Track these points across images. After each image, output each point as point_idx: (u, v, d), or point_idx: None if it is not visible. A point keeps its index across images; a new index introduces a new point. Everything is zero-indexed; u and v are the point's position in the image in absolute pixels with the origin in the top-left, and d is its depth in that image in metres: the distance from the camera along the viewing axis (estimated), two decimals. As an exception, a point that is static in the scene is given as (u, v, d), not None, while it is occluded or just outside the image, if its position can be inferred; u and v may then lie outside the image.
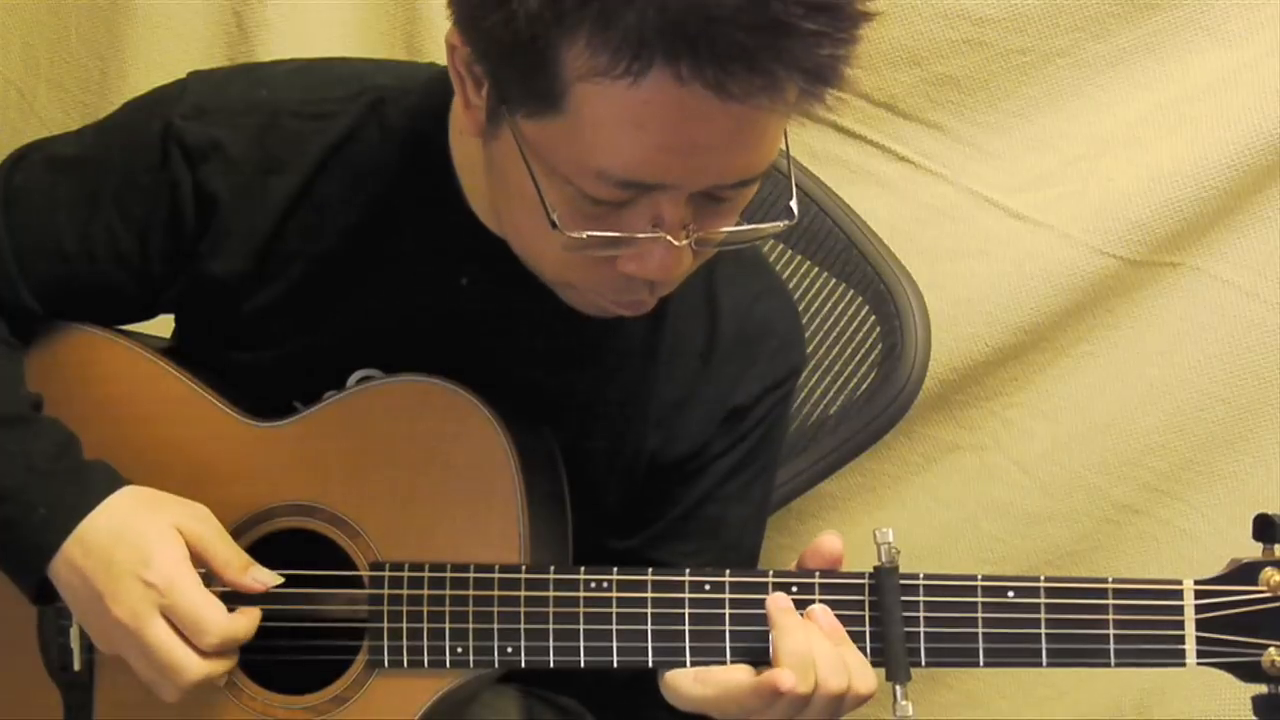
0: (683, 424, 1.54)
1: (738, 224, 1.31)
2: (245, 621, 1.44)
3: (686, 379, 1.54)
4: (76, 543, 1.41)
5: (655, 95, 1.17)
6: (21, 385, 1.50)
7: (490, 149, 1.32)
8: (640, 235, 1.26)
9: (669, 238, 1.26)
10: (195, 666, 1.41)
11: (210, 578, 1.45)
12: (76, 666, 1.51)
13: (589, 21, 1.16)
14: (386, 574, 1.45)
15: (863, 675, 1.36)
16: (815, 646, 1.35)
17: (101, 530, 1.42)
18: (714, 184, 1.25)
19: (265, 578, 1.46)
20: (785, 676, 1.32)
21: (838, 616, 1.38)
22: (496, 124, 1.28)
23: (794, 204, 1.32)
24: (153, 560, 1.41)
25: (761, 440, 1.58)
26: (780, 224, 1.32)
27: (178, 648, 1.41)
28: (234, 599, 1.45)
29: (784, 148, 1.30)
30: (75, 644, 1.51)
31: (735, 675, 1.38)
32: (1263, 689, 1.37)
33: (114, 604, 1.40)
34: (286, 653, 1.48)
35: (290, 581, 1.47)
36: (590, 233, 1.26)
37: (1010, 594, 1.37)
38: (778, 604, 1.38)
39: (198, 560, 1.44)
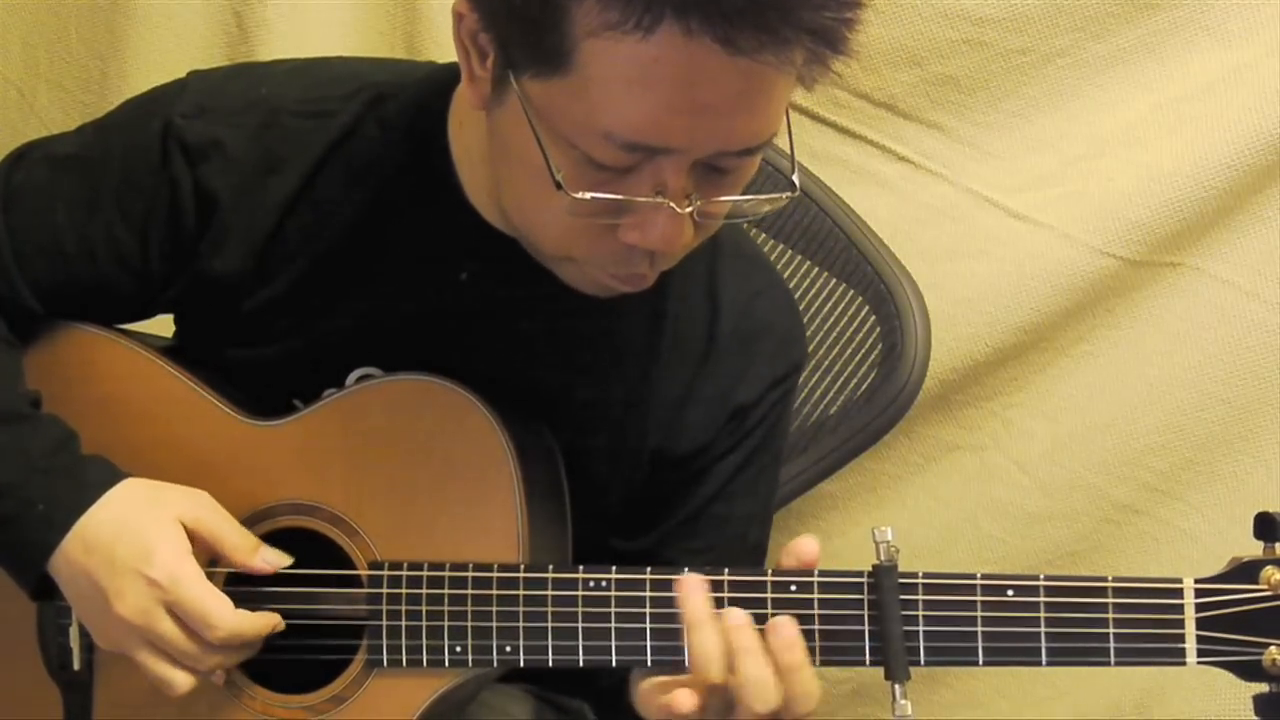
0: (684, 420, 1.54)
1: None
2: (254, 619, 1.44)
3: (687, 375, 1.54)
4: (77, 539, 1.41)
5: (664, 52, 1.17)
6: (20, 383, 1.50)
7: (494, 119, 1.33)
8: (643, 200, 1.26)
9: (672, 205, 1.26)
10: (204, 661, 1.42)
11: (213, 570, 1.45)
12: (76, 666, 1.51)
13: None
14: (385, 573, 1.45)
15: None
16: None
17: (103, 526, 1.42)
18: (718, 149, 1.25)
19: (274, 559, 1.47)
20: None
21: (837, 615, 1.38)
22: (502, 91, 1.28)
23: (795, 177, 1.34)
24: (154, 556, 1.41)
25: (766, 437, 1.58)
26: (783, 195, 1.33)
27: (184, 642, 1.41)
28: (246, 602, 1.46)
29: (788, 133, 1.31)
30: (75, 643, 1.51)
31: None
32: (1263, 688, 1.36)
33: (118, 601, 1.40)
34: (285, 652, 1.48)
35: (289, 581, 1.47)
36: (595, 195, 1.26)
37: (1009, 593, 1.37)
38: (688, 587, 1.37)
39: (206, 547, 1.45)
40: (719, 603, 1.38)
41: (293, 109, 1.48)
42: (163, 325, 1.61)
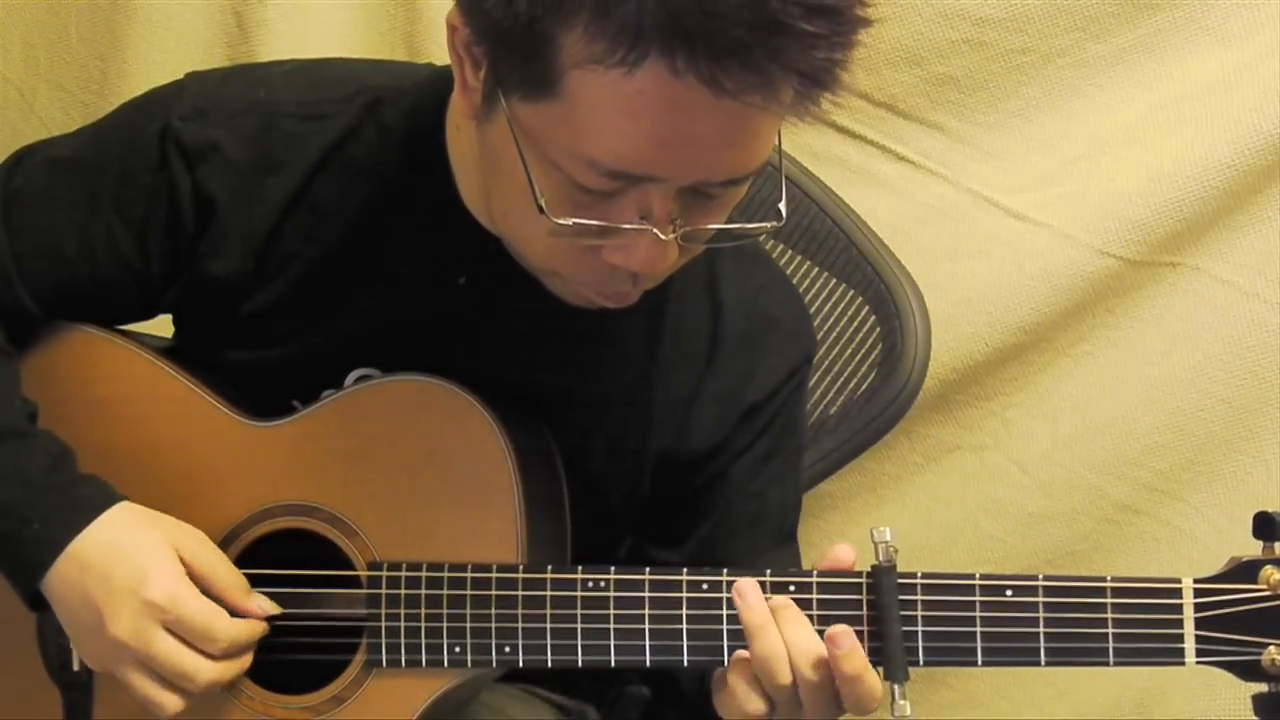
0: (693, 422, 1.54)
1: (727, 221, 1.31)
2: (249, 628, 1.44)
3: (691, 377, 1.53)
4: (71, 560, 1.41)
5: (649, 86, 1.17)
6: (16, 396, 1.50)
7: (484, 132, 1.33)
8: (626, 226, 1.26)
9: (655, 231, 1.26)
10: (207, 670, 1.41)
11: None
12: (76, 666, 1.50)
13: (588, 8, 1.16)
14: (384, 574, 1.45)
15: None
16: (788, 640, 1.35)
17: (97, 547, 1.41)
18: (703, 179, 1.25)
19: (267, 605, 1.46)
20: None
21: (836, 616, 1.38)
22: (492, 106, 1.28)
23: (783, 205, 1.33)
24: (150, 577, 1.40)
25: (785, 428, 1.58)
26: (768, 224, 1.33)
27: (188, 656, 1.41)
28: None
29: (778, 149, 1.30)
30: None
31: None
32: (1263, 688, 1.36)
33: (113, 622, 1.40)
34: (285, 652, 1.48)
35: (288, 581, 1.48)
36: (577, 220, 1.26)
37: (1008, 593, 1.37)
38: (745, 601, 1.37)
39: (199, 583, 1.44)
40: (718, 603, 1.39)
41: (291, 111, 1.48)
42: (163, 325, 1.60)
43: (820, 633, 1.36)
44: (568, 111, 1.21)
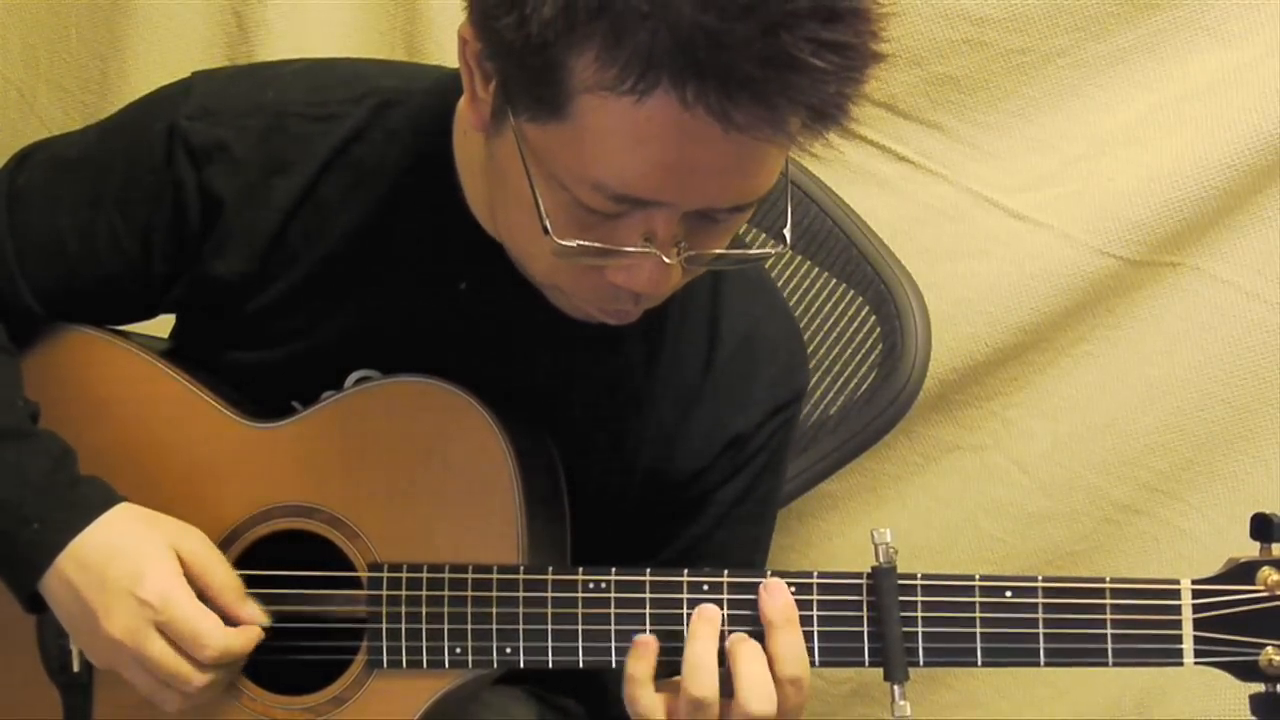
0: (680, 442, 1.54)
1: (734, 239, 1.32)
2: (243, 636, 1.44)
3: (684, 396, 1.53)
4: (70, 559, 1.41)
5: (658, 115, 1.17)
6: (19, 396, 1.50)
7: (492, 146, 1.33)
8: (630, 249, 1.26)
9: (660, 254, 1.26)
10: (197, 678, 1.42)
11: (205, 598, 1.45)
12: (75, 667, 1.50)
13: (600, 35, 1.16)
14: (385, 575, 1.45)
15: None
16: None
17: (95, 547, 1.42)
18: (709, 206, 1.25)
19: (257, 614, 1.46)
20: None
21: (836, 616, 1.38)
22: (500, 123, 1.28)
23: (787, 231, 1.33)
24: (146, 577, 1.41)
25: (765, 466, 1.58)
26: (772, 250, 1.34)
27: (178, 661, 1.41)
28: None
29: (784, 171, 1.30)
30: (74, 645, 1.50)
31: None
32: (1260, 688, 1.37)
33: (108, 621, 1.40)
34: (286, 653, 1.48)
35: (289, 582, 1.48)
36: (581, 242, 1.26)
37: (1008, 594, 1.37)
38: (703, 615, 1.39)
39: (195, 582, 1.44)
40: (718, 604, 1.39)
41: (298, 112, 1.48)
42: (162, 326, 1.60)
43: (809, 634, 1.38)
44: (575, 134, 1.21)
